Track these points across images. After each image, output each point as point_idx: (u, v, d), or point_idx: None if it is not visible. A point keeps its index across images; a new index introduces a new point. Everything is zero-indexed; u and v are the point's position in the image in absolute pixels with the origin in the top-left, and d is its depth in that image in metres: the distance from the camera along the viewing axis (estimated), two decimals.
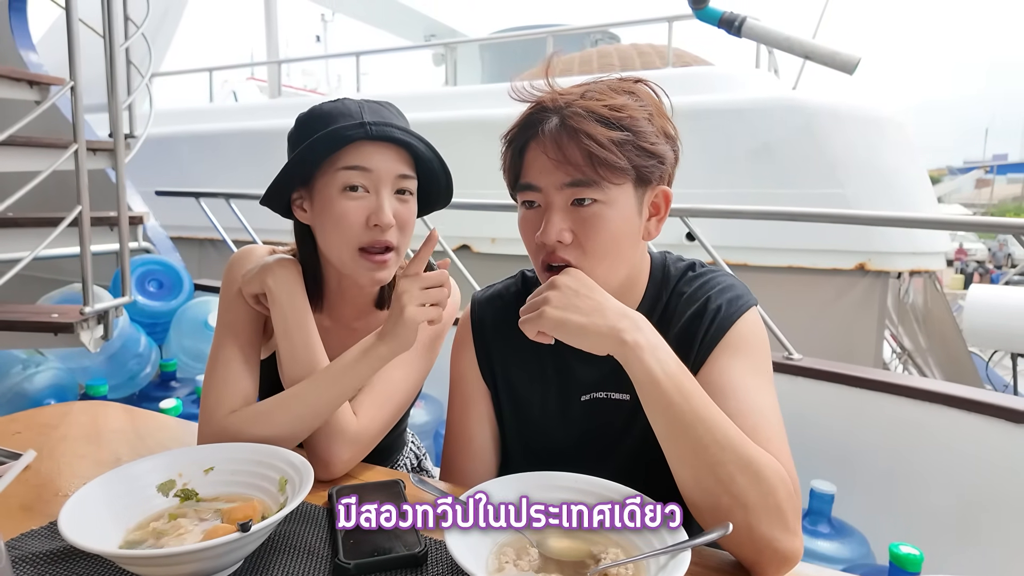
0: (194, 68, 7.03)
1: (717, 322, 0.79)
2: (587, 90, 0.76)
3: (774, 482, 0.64)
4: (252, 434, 0.82)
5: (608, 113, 0.73)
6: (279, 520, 0.62)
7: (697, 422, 0.66)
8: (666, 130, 0.77)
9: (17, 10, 3.06)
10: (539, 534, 0.66)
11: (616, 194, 0.74)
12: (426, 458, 1.21)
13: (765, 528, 0.63)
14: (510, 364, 0.90)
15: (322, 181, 0.85)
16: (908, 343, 4.43)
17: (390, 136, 0.83)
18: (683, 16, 4.29)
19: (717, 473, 0.65)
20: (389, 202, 0.84)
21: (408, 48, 8.70)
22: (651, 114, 0.76)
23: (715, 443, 0.65)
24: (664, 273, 0.86)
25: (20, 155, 2.19)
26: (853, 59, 1.92)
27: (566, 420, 0.87)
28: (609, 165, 0.72)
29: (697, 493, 0.67)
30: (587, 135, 0.72)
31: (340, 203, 0.83)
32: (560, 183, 0.74)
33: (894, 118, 3.77)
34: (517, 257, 3.98)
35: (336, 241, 0.85)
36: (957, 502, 1.58)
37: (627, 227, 0.76)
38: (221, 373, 0.88)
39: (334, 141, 0.82)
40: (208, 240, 4.86)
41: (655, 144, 0.75)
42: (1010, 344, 3.21)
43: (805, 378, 1.81)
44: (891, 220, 2.34)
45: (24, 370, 2.19)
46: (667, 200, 0.80)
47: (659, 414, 0.68)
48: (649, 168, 0.75)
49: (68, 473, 0.87)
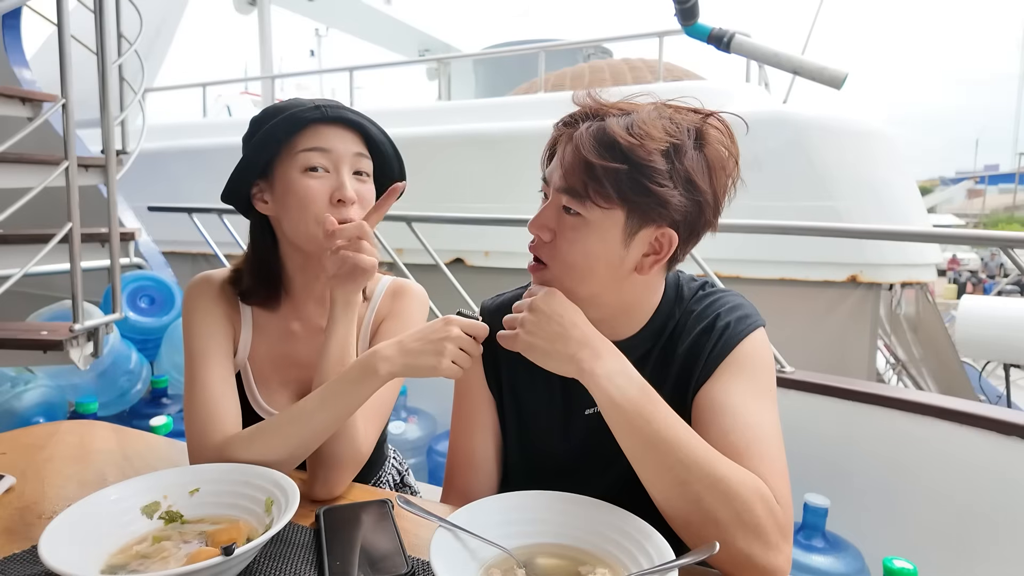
0: (188, 83, 7.04)
1: (724, 339, 0.80)
2: (633, 113, 0.74)
3: (748, 498, 0.65)
4: (248, 459, 0.81)
5: (623, 140, 0.70)
6: (263, 543, 0.62)
7: (659, 442, 0.67)
8: (692, 178, 0.72)
9: (11, 27, 3.07)
10: (526, 554, 0.65)
11: (600, 216, 0.74)
12: (408, 474, 1.19)
13: (741, 544, 0.64)
14: (517, 374, 0.90)
15: (282, 168, 0.88)
16: (902, 354, 4.44)
17: (344, 117, 0.88)
18: (674, 32, 4.33)
19: (684, 492, 0.67)
20: (349, 180, 0.88)
21: (402, 63, 8.76)
22: (682, 157, 0.72)
23: (679, 463, 0.67)
24: (678, 292, 0.87)
25: (12, 172, 2.19)
26: (840, 74, 1.94)
27: (569, 433, 0.88)
28: (594, 189, 0.73)
29: (669, 511, 0.69)
30: (585, 157, 0.72)
31: (302, 183, 0.87)
32: (558, 185, 0.76)
33: (883, 131, 3.80)
34: (511, 271, 3.99)
35: (302, 220, 0.87)
36: (951, 515, 1.57)
37: (604, 251, 0.75)
38: (205, 394, 0.87)
39: (292, 124, 0.86)
40: (201, 255, 4.84)
41: (662, 186, 0.71)
42: (1002, 354, 3.22)
43: (798, 391, 1.81)
44: (882, 233, 2.35)
45: (13, 388, 2.17)
46: (671, 244, 0.75)
47: (623, 437, 0.71)
48: (645, 205, 0.72)
49: (52, 495, 0.86)
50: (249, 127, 0.92)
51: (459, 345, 0.76)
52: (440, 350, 0.75)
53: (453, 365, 0.76)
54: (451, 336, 0.76)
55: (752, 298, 0.89)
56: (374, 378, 0.78)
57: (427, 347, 0.76)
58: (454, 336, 0.76)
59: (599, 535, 0.67)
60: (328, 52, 18.84)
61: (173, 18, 6.31)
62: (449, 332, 0.76)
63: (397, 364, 0.77)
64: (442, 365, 0.75)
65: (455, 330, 0.76)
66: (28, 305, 2.42)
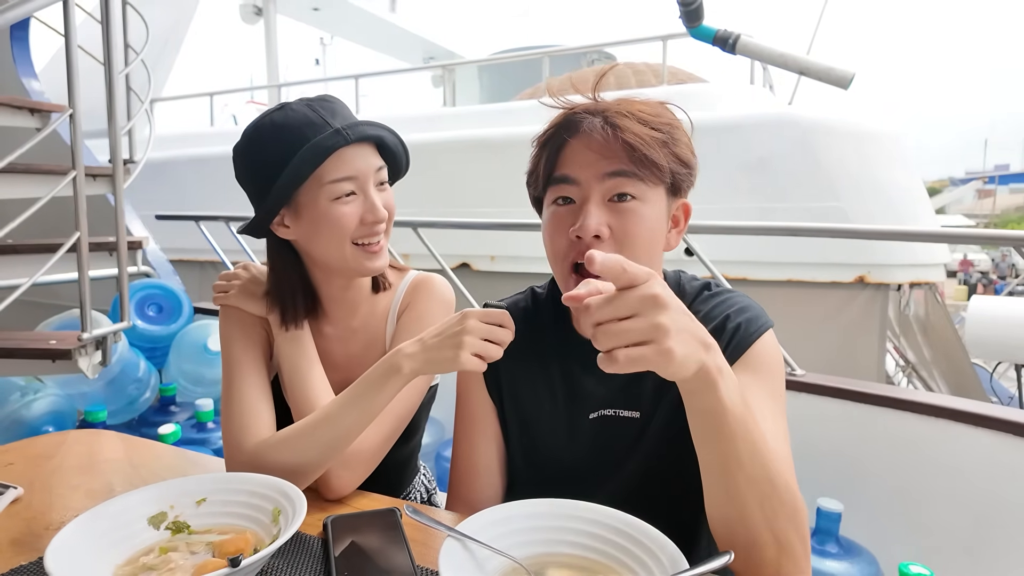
0: (195, 93, 7.09)
1: (736, 341, 0.78)
2: (623, 100, 0.79)
3: (803, 521, 0.64)
4: (281, 462, 0.81)
5: (649, 116, 0.75)
6: (271, 553, 0.61)
7: (755, 456, 0.61)
8: (692, 147, 0.80)
9: (19, 39, 3.10)
10: (537, 564, 0.64)
11: (652, 195, 0.76)
12: (436, 491, 1.18)
13: (791, 567, 0.64)
14: (518, 381, 0.89)
15: (308, 196, 0.85)
16: (912, 356, 4.40)
17: (366, 135, 0.86)
18: (677, 35, 4.33)
19: (764, 508, 0.62)
20: (378, 198, 0.87)
21: (407, 70, 8.78)
22: (683, 129, 0.79)
23: (767, 479, 0.62)
24: (679, 291, 0.86)
25: (20, 182, 2.20)
26: (848, 74, 1.93)
27: (574, 438, 0.86)
28: (650, 161, 0.73)
29: (740, 530, 0.63)
30: (631, 131, 0.74)
31: (335, 211, 0.85)
32: (602, 173, 0.75)
33: (889, 131, 3.79)
34: (517, 275, 3.99)
35: (334, 243, 0.87)
36: (966, 519, 1.55)
37: (659, 230, 0.78)
38: (240, 402, 0.88)
39: (316, 155, 0.83)
40: (209, 263, 4.87)
41: (693, 156, 0.78)
42: (1013, 355, 3.18)
43: (808, 394, 1.79)
44: (889, 233, 2.33)
45: (22, 397, 2.18)
46: (687, 213, 0.82)
47: (716, 447, 0.62)
48: (682, 176, 0.78)
49: (60, 505, 0.86)
50: (248, 145, 0.87)
51: (480, 336, 0.73)
52: (459, 343, 0.73)
53: (474, 358, 0.73)
54: (468, 328, 0.73)
55: (760, 299, 0.88)
56: (398, 376, 0.77)
57: (446, 341, 0.74)
58: (472, 328, 0.73)
59: (610, 544, 0.65)
60: (333, 60, 18.93)
61: (180, 28, 6.36)
62: (466, 325, 0.73)
63: (419, 360, 0.76)
64: (461, 358, 0.72)
65: (472, 322, 0.73)
66: (37, 314, 2.43)
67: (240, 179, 0.90)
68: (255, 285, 0.96)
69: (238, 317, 0.95)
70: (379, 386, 0.78)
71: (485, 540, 0.63)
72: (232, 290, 0.96)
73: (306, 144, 0.82)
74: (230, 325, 0.95)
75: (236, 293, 0.96)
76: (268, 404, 0.91)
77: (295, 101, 0.87)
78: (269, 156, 0.84)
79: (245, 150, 0.88)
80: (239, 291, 0.96)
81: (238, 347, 0.93)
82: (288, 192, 0.85)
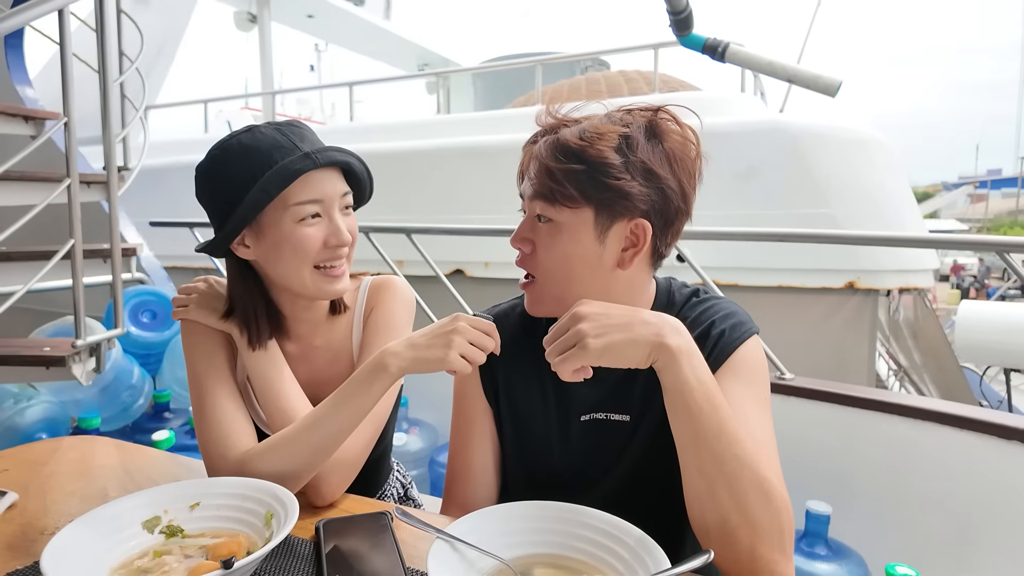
0: (189, 100, 7.09)
1: (720, 346, 0.81)
2: (583, 121, 0.81)
3: (780, 505, 0.67)
4: (269, 470, 0.82)
5: (574, 145, 0.76)
6: (263, 556, 0.62)
7: (722, 434, 0.67)
8: (651, 167, 0.76)
9: (13, 47, 3.10)
10: (524, 565, 0.66)
11: (570, 217, 0.78)
12: (412, 486, 1.20)
13: (766, 550, 0.65)
14: (513, 384, 0.91)
15: (272, 217, 0.85)
16: (903, 360, 4.44)
17: (335, 160, 0.87)
18: (669, 43, 4.37)
19: (733, 488, 0.66)
20: (342, 222, 0.88)
21: (401, 77, 8.82)
22: (635, 150, 0.76)
23: (735, 458, 0.66)
24: (669, 298, 0.88)
25: (15, 189, 2.20)
26: (835, 82, 1.96)
27: (565, 440, 0.88)
28: (559, 191, 0.77)
29: (709, 507, 0.68)
30: (545, 164, 0.78)
31: (296, 233, 0.85)
32: (529, 195, 0.81)
33: (878, 138, 3.83)
34: (511, 281, 3.99)
35: (294, 266, 0.87)
36: (953, 521, 1.57)
37: (580, 251, 0.79)
38: (215, 414, 0.88)
39: (285, 177, 0.83)
40: (203, 269, 4.86)
41: (618, 179, 0.75)
42: (1002, 359, 3.22)
43: (798, 398, 1.81)
44: (877, 239, 2.37)
45: (16, 404, 2.17)
46: (645, 233, 0.78)
47: (686, 422, 0.68)
48: (608, 199, 0.76)
49: (55, 511, 0.87)
50: (211, 165, 0.87)
51: (467, 339, 0.75)
52: (448, 343, 0.75)
53: (461, 359, 0.75)
54: (458, 329, 0.76)
55: (750, 306, 0.90)
56: (385, 375, 0.78)
57: (435, 341, 0.76)
58: (461, 329, 0.75)
59: (596, 545, 0.67)
60: (328, 67, 18.98)
61: (174, 36, 6.36)
62: (457, 326, 0.76)
63: (406, 359, 0.77)
64: (449, 357, 0.74)
65: (462, 324, 0.76)
66: (31, 321, 2.43)
67: (201, 197, 0.89)
68: (214, 299, 0.95)
69: (199, 329, 0.95)
70: (367, 386, 0.79)
71: (473, 541, 0.65)
72: (190, 304, 0.95)
73: (274, 166, 0.83)
74: (192, 338, 0.94)
75: (194, 307, 0.95)
76: (244, 413, 0.91)
77: (263, 124, 0.88)
78: (235, 176, 0.84)
79: (210, 169, 0.87)
80: (196, 305, 0.95)
81: (204, 360, 0.93)
82: (254, 212, 0.84)
